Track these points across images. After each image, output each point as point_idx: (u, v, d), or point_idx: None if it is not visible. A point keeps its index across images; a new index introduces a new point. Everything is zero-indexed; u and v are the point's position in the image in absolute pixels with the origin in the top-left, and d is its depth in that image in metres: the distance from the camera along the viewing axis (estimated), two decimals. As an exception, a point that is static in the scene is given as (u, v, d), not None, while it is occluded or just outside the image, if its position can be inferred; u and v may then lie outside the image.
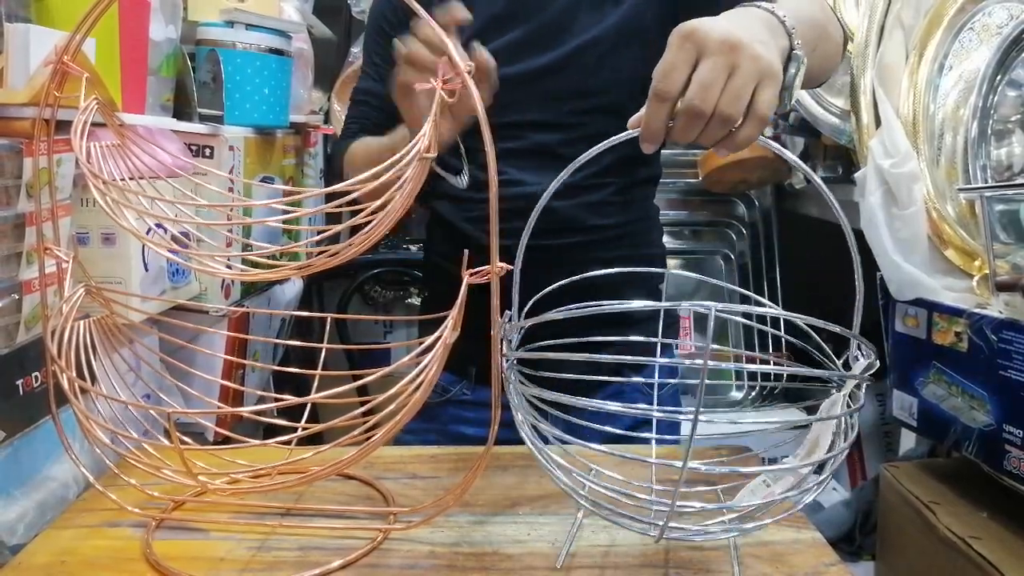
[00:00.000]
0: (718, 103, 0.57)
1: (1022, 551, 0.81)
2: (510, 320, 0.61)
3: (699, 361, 0.46)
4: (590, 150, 0.59)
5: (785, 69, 0.63)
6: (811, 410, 1.62)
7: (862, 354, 0.56)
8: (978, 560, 0.81)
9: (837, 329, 0.55)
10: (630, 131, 0.60)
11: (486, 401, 0.98)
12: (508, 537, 0.69)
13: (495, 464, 0.83)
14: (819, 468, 0.56)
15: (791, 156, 0.59)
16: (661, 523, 0.51)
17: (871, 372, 0.54)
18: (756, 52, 0.57)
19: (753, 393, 1.78)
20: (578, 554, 0.66)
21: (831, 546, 0.67)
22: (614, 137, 0.59)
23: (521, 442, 0.60)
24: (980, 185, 0.94)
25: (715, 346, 1.81)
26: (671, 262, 1.90)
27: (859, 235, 1.00)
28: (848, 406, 0.55)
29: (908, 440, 1.47)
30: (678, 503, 0.49)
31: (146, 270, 0.86)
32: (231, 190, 1.06)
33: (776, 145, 0.60)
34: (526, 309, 0.65)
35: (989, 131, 0.97)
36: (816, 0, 0.80)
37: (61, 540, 0.68)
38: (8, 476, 0.69)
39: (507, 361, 0.59)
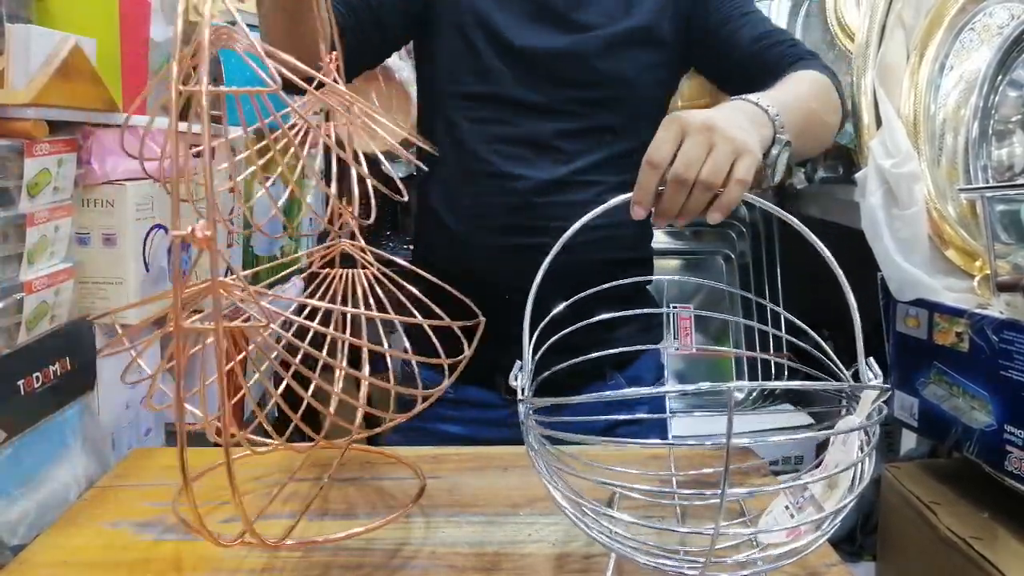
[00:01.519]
0: (699, 173, 0.65)
1: (1023, 552, 0.81)
2: (521, 369, 0.62)
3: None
4: (594, 210, 0.63)
5: (769, 151, 0.72)
6: (815, 415, 1.61)
7: (872, 373, 0.57)
8: (979, 560, 0.81)
9: (847, 386, 0.58)
10: (624, 196, 0.66)
11: (469, 400, 0.99)
12: (508, 537, 0.69)
13: (496, 464, 0.83)
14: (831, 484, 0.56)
15: (772, 206, 0.66)
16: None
17: (884, 398, 0.55)
18: (731, 134, 0.66)
19: (754, 393, 1.77)
20: (582, 556, 0.66)
21: (832, 546, 0.67)
22: (611, 201, 0.64)
23: (521, 443, 0.60)
24: (981, 185, 0.94)
25: (714, 347, 1.82)
26: (672, 263, 1.90)
27: (860, 235, 1.01)
28: (866, 435, 0.55)
29: (909, 440, 1.47)
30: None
31: (147, 270, 0.86)
32: (232, 191, 1.06)
33: (764, 202, 0.67)
34: (534, 334, 0.65)
35: (990, 131, 0.97)
36: (817, 86, 0.89)
37: (62, 540, 0.68)
38: (9, 476, 0.69)
39: (526, 417, 0.58)
